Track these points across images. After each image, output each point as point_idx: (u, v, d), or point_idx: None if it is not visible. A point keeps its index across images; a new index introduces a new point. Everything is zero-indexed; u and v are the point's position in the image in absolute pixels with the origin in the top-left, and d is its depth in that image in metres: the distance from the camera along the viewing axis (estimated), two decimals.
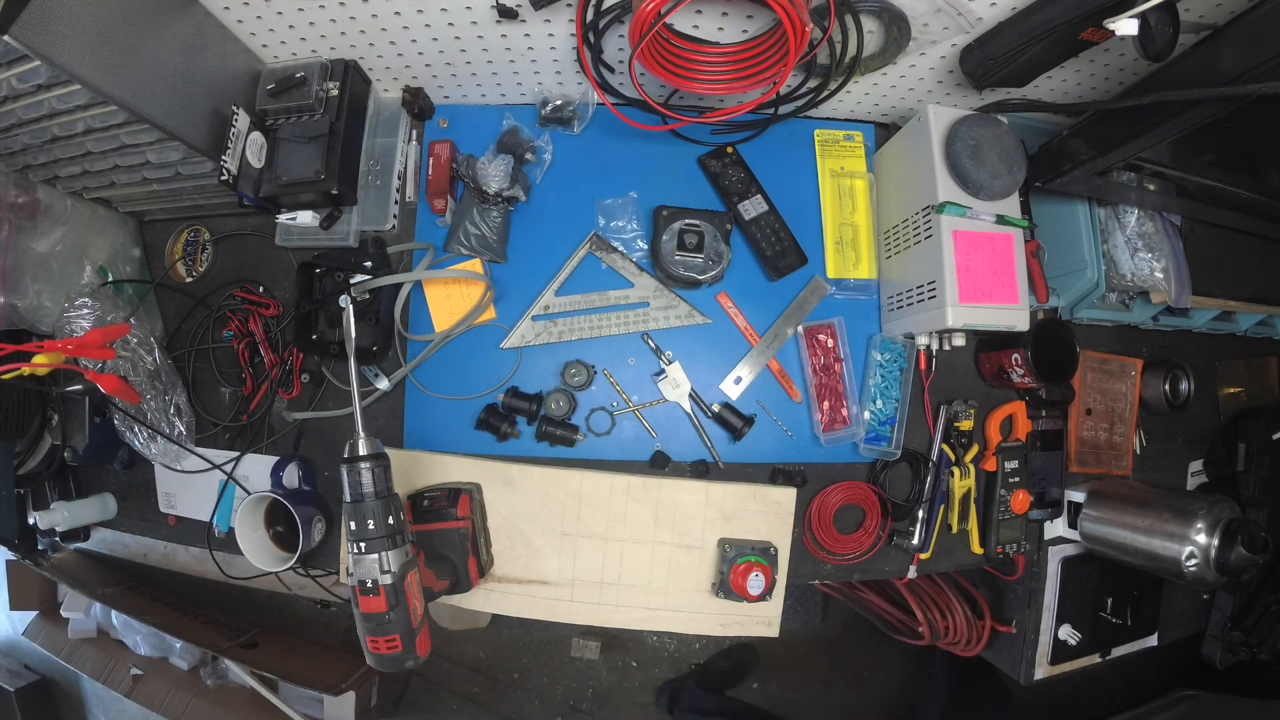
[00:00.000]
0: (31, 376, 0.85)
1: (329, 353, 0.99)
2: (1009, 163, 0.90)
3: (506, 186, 0.98)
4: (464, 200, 1.02)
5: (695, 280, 0.99)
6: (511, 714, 1.95)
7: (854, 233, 1.08)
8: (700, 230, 0.98)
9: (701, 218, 1.00)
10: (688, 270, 0.98)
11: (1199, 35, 0.76)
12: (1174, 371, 1.15)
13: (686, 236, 0.98)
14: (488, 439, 1.00)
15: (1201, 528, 0.94)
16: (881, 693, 1.97)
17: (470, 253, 1.02)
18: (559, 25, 0.89)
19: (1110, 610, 1.17)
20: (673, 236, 0.98)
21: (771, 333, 1.04)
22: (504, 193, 0.99)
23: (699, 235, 0.98)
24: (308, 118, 0.96)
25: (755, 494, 0.95)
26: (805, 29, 0.72)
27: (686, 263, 0.98)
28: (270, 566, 0.95)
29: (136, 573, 1.87)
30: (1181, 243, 1.08)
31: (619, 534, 0.94)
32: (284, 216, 1.02)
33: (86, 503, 1.09)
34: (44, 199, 0.96)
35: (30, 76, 0.77)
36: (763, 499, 0.95)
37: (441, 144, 1.03)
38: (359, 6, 0.85)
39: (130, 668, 1.75)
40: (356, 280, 0.97)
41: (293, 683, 1.66)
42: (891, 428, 1.02)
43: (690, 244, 0.98)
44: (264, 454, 1.03)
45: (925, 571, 1.06)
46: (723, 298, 1.05)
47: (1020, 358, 0.99)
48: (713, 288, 1.05)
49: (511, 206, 1.03)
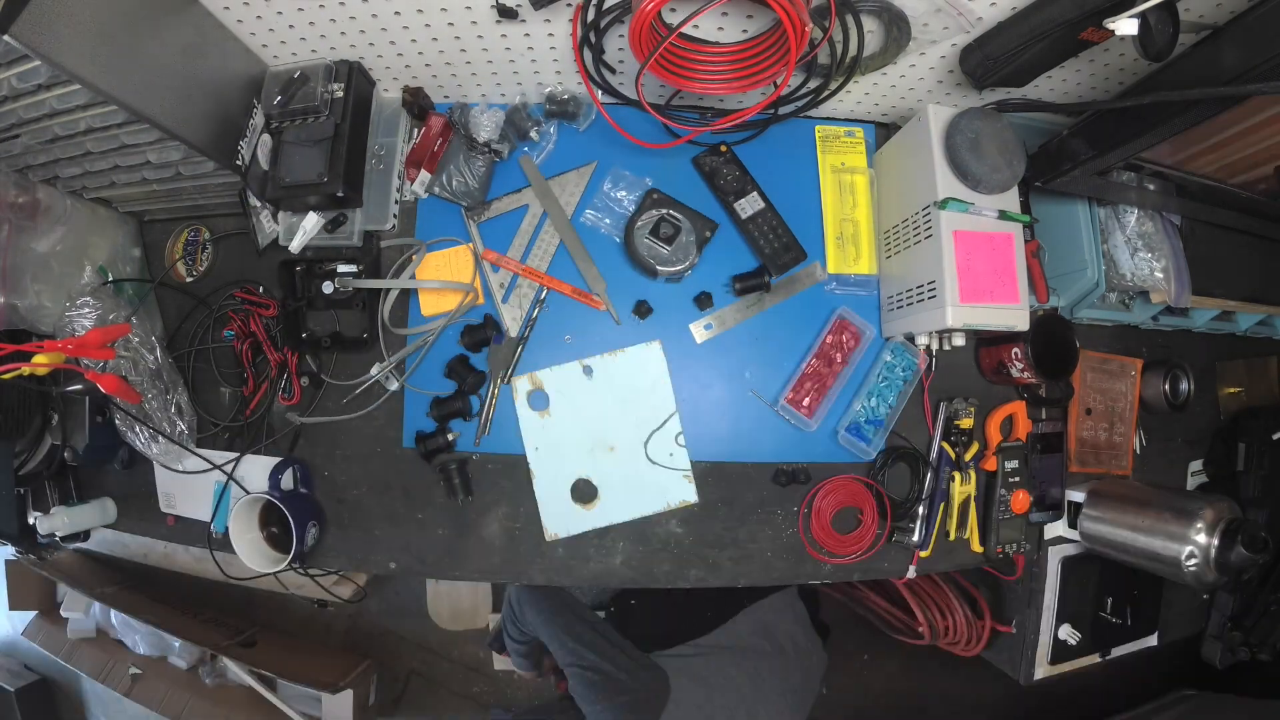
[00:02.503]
0: (31, 376, 0.85)
1: (321, 346, 0.99)
2: (1008, 156, 0.89)
3: (495, 138, 1.00)
4: (452, 147, 1.02)
5: (653, 269, 1.00)
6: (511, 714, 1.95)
7: (854, 228, 1.07)
8: (679, 225, 0.99)
9: (687, 215, 1.00)
10: (650, 256, 0.99)
11: (1199, 35, 0.76)
12: (1174, 371, 1.15)
13: (663, 225, 0.98)
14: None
15: (1201, 528, 0.94)
16: (881, 692, 1.98)
17: (450, 198, 1.02)
18: (559, 25, 0.89)
19: (1110, 610, 1.18)
20: (650, 221, 0.99)
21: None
22: (492, 144, 1.00)
23: (675, 228, 0.99)
24: (312, 120, 0.96)
25: None
26: (805, 29, 0.72)
27: (652, 249, 0.99)
28: (263, 568, 0.95)
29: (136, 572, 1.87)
30: (1181, 243, 1.08)
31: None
32: (269, 223, 1.03)
33: (87, 508, 1.08)
34: (44, 199, 0.96)
35: (30, 76, 0.77)
36: None
37: (437, 117, 1.02)
38: (359, 6, 0.85)
39: (129, 667, 1.76)
40: (342, 271, 0.98)
41: (291, 681, 1.66)
42: (875, 429, 1.02)
43: (664, 234, 0.98)
44: (263, 454, 1.03)
45: (925, 571, 1.06)
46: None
47: (1020, 351, 0.99)
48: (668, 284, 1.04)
49: (497, 159, 1.03)
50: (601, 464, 1.01)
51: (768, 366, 1.04)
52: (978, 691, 1.91)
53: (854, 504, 1.02)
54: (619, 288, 1.04)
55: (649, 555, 1.02)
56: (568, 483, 1.01)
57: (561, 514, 1.01)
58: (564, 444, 1.01)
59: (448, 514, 1.01)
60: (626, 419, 1.02)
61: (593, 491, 1.01)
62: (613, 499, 1.01)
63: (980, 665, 1.32)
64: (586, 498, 1.01)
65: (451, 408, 0.99)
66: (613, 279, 1.03)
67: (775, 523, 1.03)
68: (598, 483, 1.01)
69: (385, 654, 1.97)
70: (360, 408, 1.00)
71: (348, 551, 1.03)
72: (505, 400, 1.01)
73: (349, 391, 1.01)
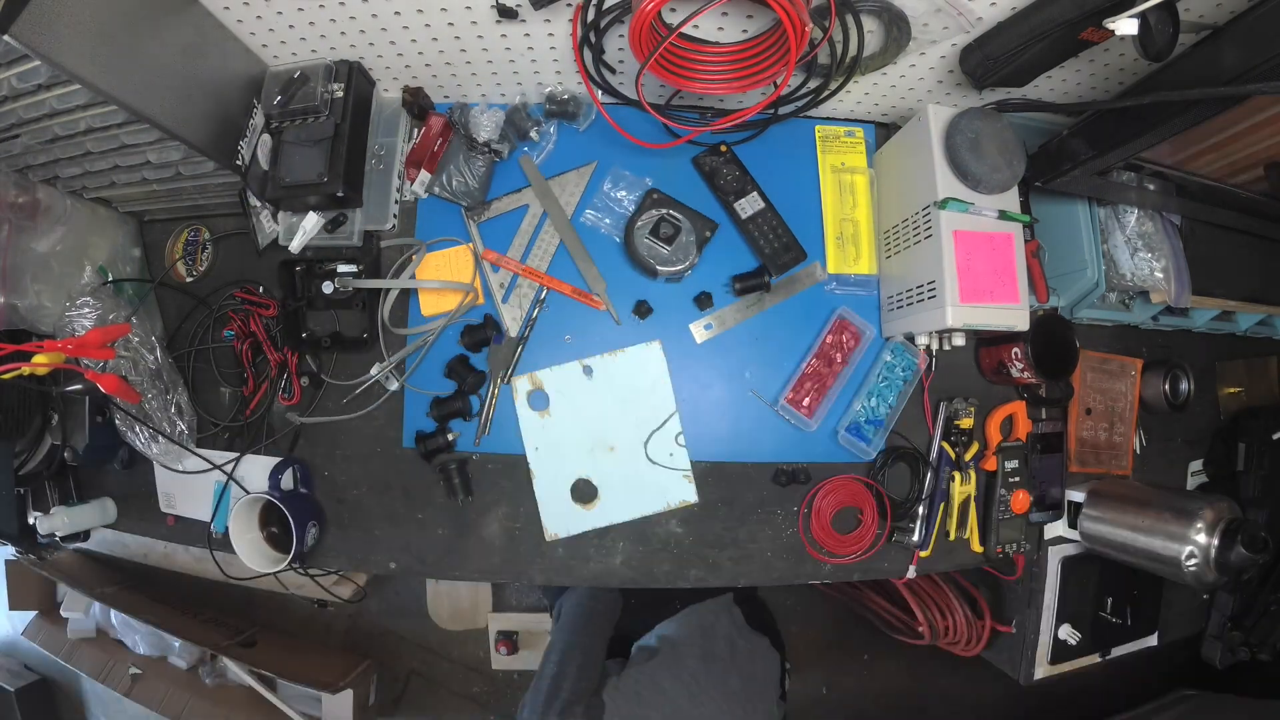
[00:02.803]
0: (31, 376, 0.85)
1: (321, 346, 0.99)
2: (1008, 155, 0.89)
3: (495, 138, 1.00)
4: (452, 147, 1.03)
5: (654, 269, 1.00)
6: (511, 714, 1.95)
7: (855, 228, 1.07)
8: (679, 225, 0.99)
9: (687, 215, 1.00)
10: (650, 256, 0.99)
11: (1199, 35, 0.76)
12: (1174, 371, 1.15)
13: (663, 225, 0.99)
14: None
15: (1201, 528, 0.94)
16: (881, 692, 1.98)
17: (450, 198, 1.02)
18: (559, 25, 0.89)
19: (1110, 610, 1.18)
20: (650, 221, 0.99)
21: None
22: (492, 144, 1.01)
23: (675, 228, 0.99)
24: (312, 120, 0.96)
25: None
26: (805, 29, 0.72)
27: (652, 249, 0.99)
28: (263, 568, 0.95)
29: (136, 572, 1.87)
30: (1181, 243, 1.08)
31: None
32: (269, 223, 1.03)
33: (87, 508, 1.08)
34: (44, 199, 0.96)
35: (30, 76, 0.77)
36: None
37: (437, 117, 1.02)
38: (359, 6, 0.85)
39: (129, 667, 1.76)
40: (342, 270, 0.98)
41: (291, 681, 1.66)
42: (875, 429, 1.03)
43: (664, 234, 0.99)
44: (263, 455, 1.03)
45: (925, 571, 1.06)
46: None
47: (1020, 351, 0.99)
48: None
49: (497, 159, 1.03)
50: (601, 464, 1.01)
51: (768, 366, 1.04)
52: (978, 691, 1.92)
53: (854, 504, 1.02)
54: (619, 288, 1.04)
55: (649, 555, 1.02)
56: (568, 483, 1.01)
57: (561, 514, 1.01)
58: (564, 444, 1.01)
59: (448, 514, 1.01)
60: (626, 419, 1.02)
61: (593, 491, 1.01)
62: (613, 499, 1.01)
63: (980, 665, 1.32)
64: (586, 498, 1.01)
65: (451, 408, 0.99)
66: (613, 279, 1.03)
67: (775, 523, 1.03)
68: (598, 482, 1.01)
69: (385, 654, 1.97)
70: (360, 408, 1.00)
71: (348, 551, 1.03)
72: (505, 400, 1.01)
73: (349, 391, 1.01)
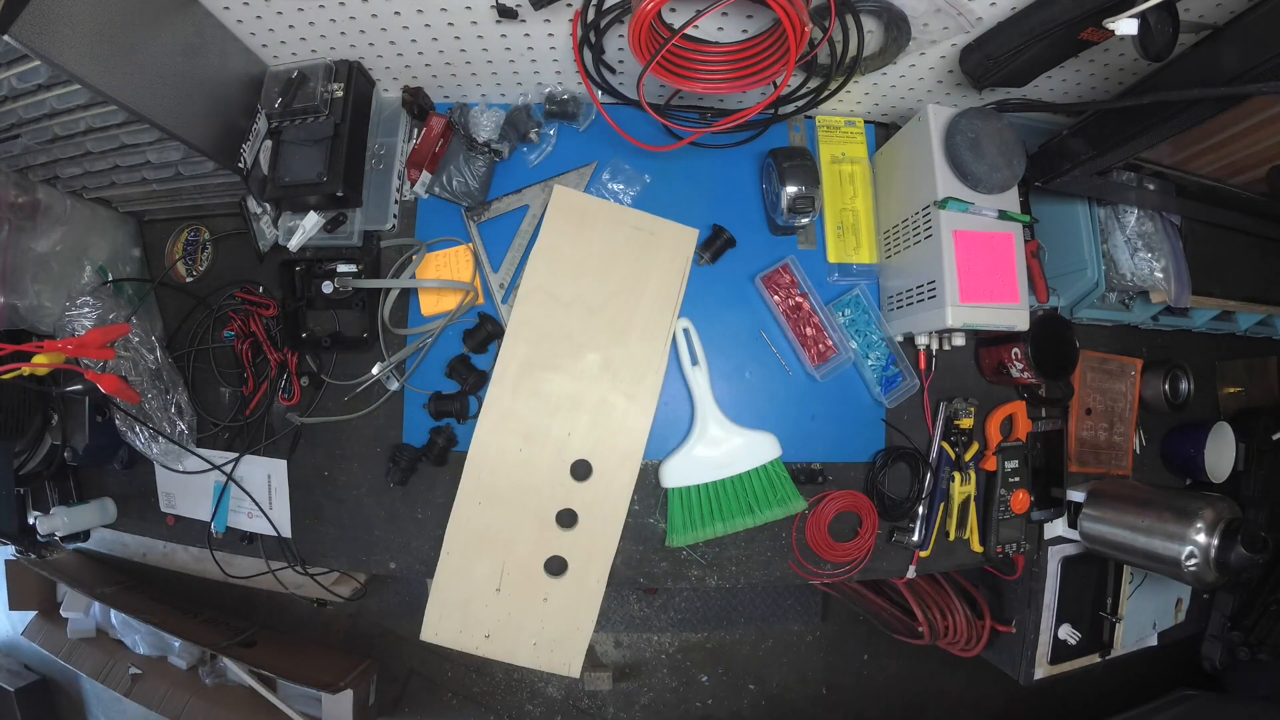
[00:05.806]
0: (31, 376, 0.85)
1: (321, 346, 0.99)
2: (1008, 155, 0.89)
3: (495, 139, 1.01)
4: (452, 147, 1.03)
5: (791, 230, 1.05)
6: (511, 714, 1.95)
7: (854, 218, 1.08)
8: (811, 198, 0.99)
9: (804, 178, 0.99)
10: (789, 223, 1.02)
11: (1199, 35, 0.76)
12: (1174, 371, 1.15)
13: (799, 202, 0.99)
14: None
15: (1201, 528, 0.94)
16: (881, 692, 1.98)
17: (450, 199, 1.03)
18: (559, 25, 0.89)
19: (1110, 610, 1.18)
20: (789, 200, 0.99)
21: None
22: (492, 144, 1.01)
23: (810, 201, 1.00)
24: (312, 120, 0.96)
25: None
26: (805, 29, 0.72)
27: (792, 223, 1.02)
28: None
29: (136, 572, 1.87)
30: (1181, 243, 1.08)
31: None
32: (269, 229, 1.03)
33: (87, 508, 1.08)
34: (44, 199, 0.96)
35: (30, 76, 0.78)
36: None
37: (438, 117, 1.02)
38: (359, 6, 0.85)
39: (129, 667, 1.75)
40: (341, 270, 0.98)
41: (291, 681, 1.66)
42: (895, 363, 1.03)
43: (800, 207, 0.99)
44: (263, 455, 1.03)
45: (925, 571, 1.06)
46: None
47: (1020, 352, 0.99)
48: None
49: (497, 159, 1.04)
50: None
51: (768, 366, 1.04)
52: (978, 691, 1.92)
53: (854, 509, 1.02)
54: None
55: (649, 555, 1.02)
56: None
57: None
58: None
59: (448, 514, 1.01)
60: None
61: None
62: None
63: (980, 665, 1.32)
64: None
65: (449, 407, 0.99)
66: None
67: (775, 524, 1.02)
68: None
69: (385, 654, 1.97)
70: (360, 408, 1.01)
71: (348, 551, 1.03)
72: None
73: (349, 391, 1.01)
